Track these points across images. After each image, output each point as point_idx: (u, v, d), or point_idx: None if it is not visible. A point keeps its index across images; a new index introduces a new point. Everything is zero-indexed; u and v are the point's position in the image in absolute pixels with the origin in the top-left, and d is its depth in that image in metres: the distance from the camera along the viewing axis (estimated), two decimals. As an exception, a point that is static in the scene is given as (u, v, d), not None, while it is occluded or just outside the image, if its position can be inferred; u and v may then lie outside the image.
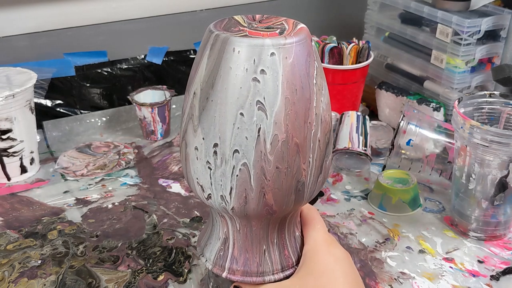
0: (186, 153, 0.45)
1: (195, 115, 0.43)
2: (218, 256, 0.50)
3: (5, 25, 0.98)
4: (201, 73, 0.42)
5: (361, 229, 0.74)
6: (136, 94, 0.97)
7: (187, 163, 0.46)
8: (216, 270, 0.50)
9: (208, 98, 0.42)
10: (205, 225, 0.55)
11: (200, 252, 0.52)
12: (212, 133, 0.42)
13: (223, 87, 0.41)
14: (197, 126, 0.43)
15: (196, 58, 0.44)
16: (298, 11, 1.19)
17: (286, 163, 0.43)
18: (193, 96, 0.43)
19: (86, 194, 0.82)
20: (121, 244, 0.71)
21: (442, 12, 0.90)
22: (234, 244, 0.49)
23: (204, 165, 0.44)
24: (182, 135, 0.46)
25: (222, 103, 0.41)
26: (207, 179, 0.44)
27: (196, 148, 0.44)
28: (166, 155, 0.93)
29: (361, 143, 0.83)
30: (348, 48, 0.92)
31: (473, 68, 0.91)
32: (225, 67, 0.41)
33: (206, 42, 0.43)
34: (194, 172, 0.45)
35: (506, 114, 0.70)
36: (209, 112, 0.42)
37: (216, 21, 0.45)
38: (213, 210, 0.49)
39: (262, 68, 0.40)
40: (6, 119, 0.80)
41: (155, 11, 1.09)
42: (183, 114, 0.45)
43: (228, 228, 0.49)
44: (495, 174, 0.66)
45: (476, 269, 0.66)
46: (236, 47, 0.40)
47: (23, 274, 0.65)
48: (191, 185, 0.47)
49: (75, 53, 1.03)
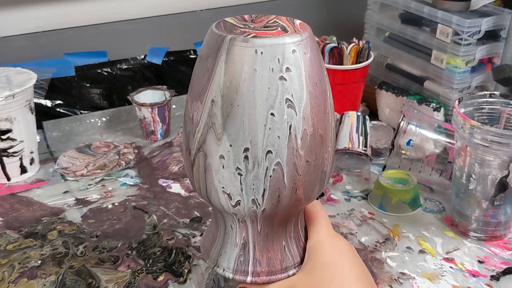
0: (206, 164, 0.43)
1: (218, 123, 0.42)
2: (238, 263, 0.49)
3: (5, 25, 0.98)
4: (219, 80, 0.41)
5: (361, 229, 0.74)
6: (136, 94, 0.97)
7: (207, 174, 0.44)
8: (238, 277, 0.49)
9: (233, 103, 0.41)
10: (207, 235, 0.53)
11: (213, 263, 0.50)
12: (241, 138, 0.42)
13: (250, 90, 0.40)
14: (222, 134, 0.42)
15: (205, 65, 0.42)
16: (298, 11, 1.19)
17: (314, 156, 0.44)
18: (211, 104, 0.42)
19: (86, 194, 0.82)
20: (121, 244, 0.71)
21: (442, 12, 0.90)
22: (255, 247, 0.49)
23: (233, 172, 0.43)
24: (197, 146, 0.44)
25: (251, 106, 0.41)
26: (236, 186, 0.43)
27: (222, 156, 0.42)
28: (166, 155, 0.93)
29: (361, 143, 0.83)
30: (348, 48, 0.92)
31: (473, 68, 0.91)
32: (249, 70, 0.40)
33: (218, 47, 0.41)
34: (219, 181, 0.44)
35: (506, 114, 0.70)
36: (236, 117, 0.41)
37: (214, 25, 0.44)
38: (228, 218, 0.48)
39: (287, 66, 0.41)
40: (6, 119, 0.80)
41: (155, 11, 1.09)
42: (194, 124, 0.44)
43: (248, 232, 0.48)
44: (495, 174, 0.66)
45: (476, 269, 0.66)
46: (258, 49, 0.40)
47: (23, 275, 0.65)
48: (212, 195, 0.45)
49: (75, 53, 1.03)
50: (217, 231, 0.50)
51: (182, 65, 1.11)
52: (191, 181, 0.47)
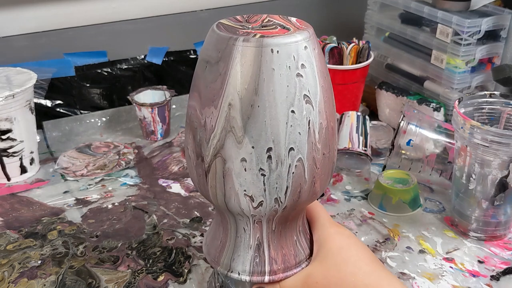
0: (225, 169, 0.43)
1: (237, 126, 0.41)
2: (254, 265, 0.49)
3: (5, 25, 0.98)
4: (235, 83, 0.41)
5: (361, 229, 0.74)
6: (136, 94, 0.97)
7: (227, 179, 0.43)
8: (256, 279, 0.49)
9: (253, 105, 0.41)
10: (213, 243, 0.52)
11: (226, 269, 0.50)
12: (264, 139, 0.42)
13: (270, 89, 0.41)
14: (243, 137, 0.42)
15: (216, 69, 0.41)
16: (298, 11, 1.19)
17: (328, 148, 0.45)
18: (228, 108, 0.41)
19: (86, 194, 0.82)
20: (121, 244, 0.71)
21: (442, 12, 0.90)
22: (269, 246, 0.49)
23: (256, 173, 0.43)
24: (213, 153, 0.43)
25: (271, 106, 0.41)
26: (259, 187, 0.43)
27: (244, 159, 0.42)
28: (166, 155, 0.93)
29: (361, 143, 0.83)
30: (348, 48, 0.92)
31: (473, 68, 0.91)
32: (267, 70, 0.40)
33: (230, 50, 0.41)
34: (241, 185, 0.43)
35: (506, 114, 0.70)
36: (257, 118, 0.41)
37: (215, 28, 0.43)
38: (241, 222, 0.48)
39: (302, 62, 0.41)
40: (6, 119, 0.80)
41: (155, 11, 1.09)
42: (208, 131, 0.43)
43: (262, 232, 0.48)
44: (495, 174, 0.66)
45: (476, 269, 0.66)
46: (274, 48, 0.40)
47: (23, 275, 0.65)
48: (232, 200, 0.44)
49: (75, 53, 1.03)
50: (227, 236, 0.50)
51: (182, 65, 1.11)
52: (203, 188, 0.46)
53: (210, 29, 0.43)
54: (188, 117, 0.45)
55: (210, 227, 0.54)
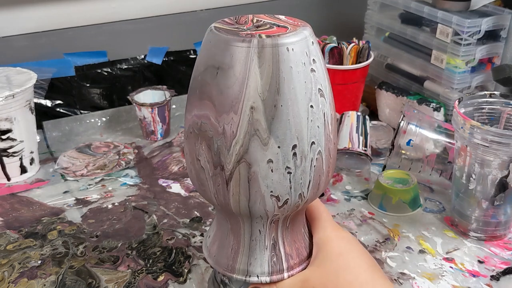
0: (251, 174, 0.42)
1: (262, 128, 0.41)
2: (272, 264, 0.49)
3: (5, 25, 0.98)
4: (256, 85, 0.40)
5: (361, 229, 0.74)
6: (136, 94, 0.97)
7: (252, 183, 0.43)
8: (275, 278, 0.49)
9: (276, 105, 0.41)
10: (223, 252, 0.51)
11: (244, 274, 0.49)
12: (289, 137, 0.42)
13: (290, 88, 0.41)
14: (268, 138, 0.41)
15: (233, 74, 0.41)
16: (298, 11, 1.19)
17: (336, 137, 0.47)
18: (250, 112, 0.41)
19: (86, 194, 0.82)
20: (121, 244, 0.71)
21: (442, 12, 0.90)
22: (284, 243, 0.49)
23: (283, 172, 0.43)
24: (235, 159, 0.42)
25: (293, 103, 0.41)
26: (286, 185, 0.43)
27: (270, 160, 0.42)
28: (166, 155, 0.93)
29: (361, 143, 0.83)
30: (348, 48, 0.92)
31: (473, 68, 0.91)
32: (285, 69, 0.41)
33: (246, 53, 0.40)
34: (267, 186, 0.43)
35: (506, 114, 0.70)
36: (281, 118, 0.41)
37: (217, 31, 0.42)
38: (257, 225, 0.47)
39: (313, 58, 0.42)
40: (6, 119, 0.80)
41: (155, 11, 1.09)
42: (228, 137, 0.42)
43: (278, 230, 0.48)
44: (495, 174, 0.66)
45: (476, 269, 0.66)
46: (289, 46, 0.41)
47: (23, 275, 0.65)
48: (257, 204, 0.44)
49: (75, 53, 1.03)
50: (239, 242, 0.49)
51: (182, 65, 1.11)
52: (222, 198, 0.45)
53: (210, 34, 0.42)
54: (197, 127, 0.44)
55: (211, 238, 0.53)
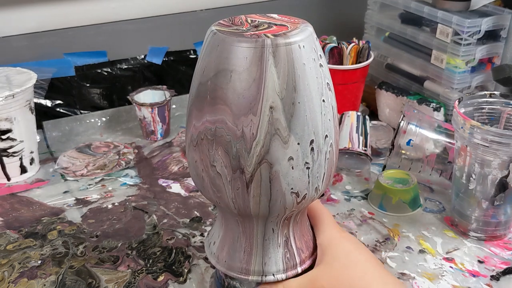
0: (272, 173, 0.43)
1: (282, 127, 0.41)
2: (286, 261, 0.49)
3: (5, 25, 0.98)
4: (273, 85, 0.40)
5: (361, 229, 0.74)
6: (136, 94, 0.97)
7: (274, 183, 0.43)
8: (290, 274, 0.49)
9: (294, 102, 0.41)
10: (236, 256, 0.50)
11: (259, 275, 0.49)
12: (307, 133, 0.43)
13: (305, 84, 0.42)
14: (288, 136, 0.42)
15: (249, 76, 0.40)
16: (298, 11, 1.19)
17: (338, 128, 0.48)
18: (269, 112, 0.41)
19: (86, 194, 0.82)
20: (121, 244, 0.71)
21: (442, 12, 0.90)
22: (294, 238, 0.50)
23: (302, 168, 0.43)
24: (256, 160, 0.42)
25: (309, 99, 0.42)
26: (304, 180, 0.44)
27: (291, 158, 0.42)
28: (166, 155, 0.93)
29: (361, 143, 0.83)
30: (348, 48, 0.92)
31: (473, 68, 0.91)
32: (299, 66, 0.41)
33: (260, 53, 0.40)
34: (288, 184, 0.43)
35: (506, 114, 0.70)
36: (299, 114, 0.42)
37: (221, 34, 0.42)
38: (270, 224, 0.47)
39: (320, 53, 0.43)
40: (6, 119, 0.80)
41: (155, 11, 1.09)
42: (248, 140, 0.42)
43: (289, 227, 0.49)
44: (495, 174, 0.66)
45: (476, 269, 0.66)
46: (300, 43, 0.41)
47: (23, 274, 0.65)
48: (278, 203, 0.44)
49: (75, 53, 1.03)
50: (252, 244, 0.49)
51: (182, 65, 1.11)
52: (241, 202, 0.44)
53: (215, 38, 0.42)
54: (210, 133, 0.43)
55: (217, 244, 0.52)
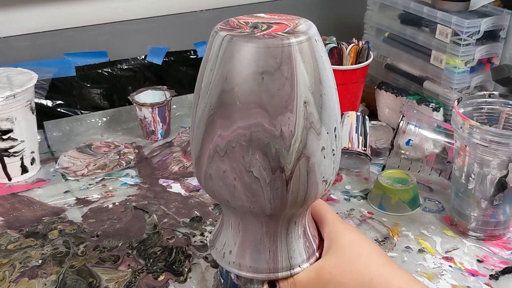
0: (310, 166, 0.43)
1: (315, 120, 0.43)
2: (306, 250, 0.51)
3: (6, 25, 0.98)
4: (304, 80, 0.42)
5: (361, 229, 0.74)
6: (136, 94, 0.97)
7: (310, 175, 0.44)
8: (312, 260, 0.51)
9: (321, 95, 0.43)
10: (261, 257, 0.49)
11: (288, 270, 0.50)
12: (332, 121, 0.44)
13: (326, 75, 0.44)
14: (320, 127, 0.43)
15: (280, 75, 0.41)
16: (298, 11, 1.19)
17: None
18: (304, 107, 0.42)
19: (86, 194, 0.82)
20: (121, 244, 0.71)
21: (442, 12, 0.90)
22: (309, 226, 0.52)
23: (331, 156, 0.45)
24: (295, 157, 0.42)
25: (330, 90, 0.44)
26: (332, 167, 0.46)
27: (323, 148, 0.44)
28: (166, 155, 0.93)
29: (361, 143, 0.84)
30: (348, 49, 0.93)
31: (472, 68, 0.91)
32: (320, 59, 0.43)
33: (288, 52, 0.41)
34: (321, 173, 0.45)
35: (505, 114, 0.70)
36: (326, 105, 0.44)
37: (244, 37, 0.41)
38: (295, 216, 0.48)
39: (325, 47, 0.46)
40: (7, 119, 0.80)
41: (156, 12, 1.09)
42: (287, 138, 0.42)
43: (305, 217, 0.51)
44: (495, 174, 0.66)
45: (475, 268, 0.67)
46: (315, 37, 0.43)
47: (24, 274, 0.66)
48: (312, 194, 0.45)
49: (76, 53, 1.03)
50: (276, 241, 0.49)
51: (183, 65, 1.12)
52: (279, 201, 0.44)
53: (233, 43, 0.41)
54: (245, 139, 0.42)
55: (236, 252, 0.51)
